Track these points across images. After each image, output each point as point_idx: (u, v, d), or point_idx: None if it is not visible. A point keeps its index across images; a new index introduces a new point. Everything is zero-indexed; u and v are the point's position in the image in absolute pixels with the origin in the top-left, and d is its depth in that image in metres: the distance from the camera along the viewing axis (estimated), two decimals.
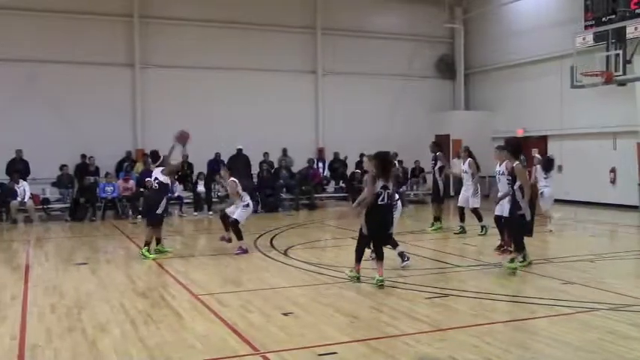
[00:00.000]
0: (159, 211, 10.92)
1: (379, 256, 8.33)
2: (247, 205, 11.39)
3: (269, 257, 10.87)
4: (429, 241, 12.84)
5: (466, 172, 13.20)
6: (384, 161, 8.34)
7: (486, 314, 6.92)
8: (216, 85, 21.42)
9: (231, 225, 11.28)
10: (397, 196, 9.80)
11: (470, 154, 13.36)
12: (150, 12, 20.88)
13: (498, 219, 10.60)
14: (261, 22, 22.09)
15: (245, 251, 11.17)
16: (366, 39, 23.64)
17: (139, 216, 17.37)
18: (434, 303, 7.38)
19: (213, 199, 18.85)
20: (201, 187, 18.87)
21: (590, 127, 19.24)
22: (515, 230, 9.13)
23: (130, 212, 17.81)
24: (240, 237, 11.29)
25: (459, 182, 14.36)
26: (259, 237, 13.19)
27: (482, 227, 12.92)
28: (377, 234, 8.33)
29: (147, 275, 9.49)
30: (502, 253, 10.55)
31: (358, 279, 8.38)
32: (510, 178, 9.11)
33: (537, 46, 21.28)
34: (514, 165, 9.04)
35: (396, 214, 9.45)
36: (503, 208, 10.38)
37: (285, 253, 11.14)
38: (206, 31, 21.36)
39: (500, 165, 10.53)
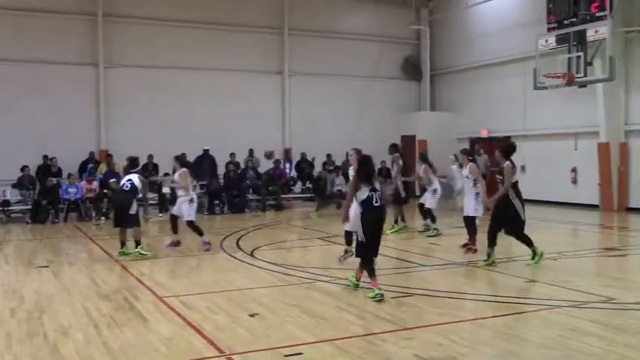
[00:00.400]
0: (132, 211, 10.76)
1: (372, 270, 7.66)
2: (192, 201, 11.53)
3: (235, 258, 10.81)
4: (395, 240, 12.91)
5: (422, 177, 13.43)
6: (365, 164, 7.87)
7: (451, 312, 6.98)
8: (182, 85, 21.23)
9: (188, 226, 11.52)
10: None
11: (424, 160, 13.57)
12: (114, 11, 20.57)
13: (466, 219, 10.96)
14: (228, 23, 21.98)
15: (209, 243, 11.47)
16: (333, 40, 23.70)
17: (103, 217, 17.14)
18: (400, 302, 7.42)
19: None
20: (166, 189, 18.65)
21: (552, 127, 19.60)
22: (514, 229, 9.47)
23: (94, 214, 17.51)
24: (200, 233, 11.53)
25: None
26: (225, 238, 13.10)
27: (435, 229, 13.13)
28: (373, 239, 7.67)
29: (110, 278, 9.35)
30: (467, 251, 10.74)
31: (382, 295, 7.43)
32: (501, 177, 9.53)
33: (501, 48, 21.59)
34: (504, 165, 9.39)
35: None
36: (468, 209, 10.72)
37: (251, 254, 11.09)
38: (172, 31, 21.16)
39: (464, 168, 10.85)
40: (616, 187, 18.10)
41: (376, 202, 7.61)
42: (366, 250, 7.67)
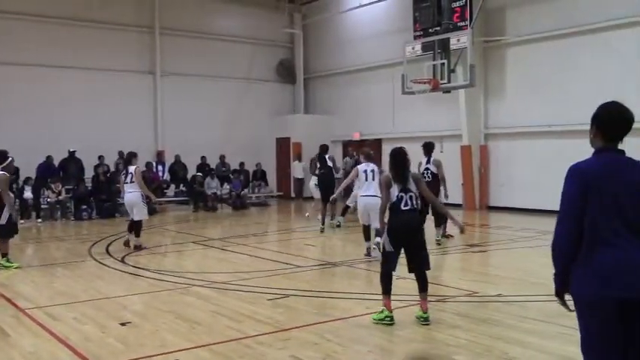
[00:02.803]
0: (2, 221, 9.91)
1: (422, 285, 6.60)
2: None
3: (105, 265, 10.37)
4: (272, 242, 12.98)
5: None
6: (397, 159, 6.65)
7: (326, 312, 7.11)
8: (46, 84, 20.01)
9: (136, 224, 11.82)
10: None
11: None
12: None
13: None
14: (96, 19, 21.05)
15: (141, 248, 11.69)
16: (206, 40, 23.39)
17: None
18: (276, 304, 7.45)
19: (42, 206, 17.66)
20: (28, 194, 17.57)
21: (419, 130, 20.46)
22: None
23: None
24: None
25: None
26: (94, 244, 12.56)
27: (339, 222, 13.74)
28: (406, 251, 6.53)
29: None
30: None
31: (391, 319, 6.41)
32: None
33: (372, 54, 22.30)
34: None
35: None
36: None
37: (122, 261, 10.69)
38: (36, 27, 19.89)
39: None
40: (477, 187, 19.27)
41: (406, 205, 6.46)
42: (390, 262, 6.51)
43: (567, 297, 3.36)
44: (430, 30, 18.09)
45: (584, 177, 3.22)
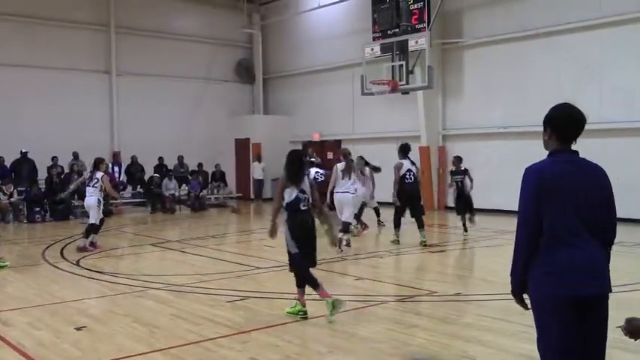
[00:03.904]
0: None
1: (313, 282, 6.78)
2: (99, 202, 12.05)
3: (59, 269, 10.13)
4: (231, 244, 12.88)
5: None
6: (293, 161, 6.84)
7: (286, 313, 7.07)
8: None
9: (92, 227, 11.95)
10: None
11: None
12: None
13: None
14: (49, 17, 20.57)
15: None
16: (164, 40, 23.09)
17: None
18: (235, 306, 7.39)
19: None
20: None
21: (378, 132, 20.64)
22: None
23: None
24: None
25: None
26: (48, 247, 12.27)
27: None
28: (307, 249, 6.77)
29: None
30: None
31: (305, 313, 6.70)
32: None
33: (331, 55, 22.35)
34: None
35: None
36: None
37: (77, 264, 10.46)
38: None
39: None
40: (436, 188, 19.49)
41: (305, 205, 6.72)
42: (301, 263, 6.75)
43: (524, 295, 3.40)
44: (389, 31, 18.22)
45: (540, 179, 3.26)
